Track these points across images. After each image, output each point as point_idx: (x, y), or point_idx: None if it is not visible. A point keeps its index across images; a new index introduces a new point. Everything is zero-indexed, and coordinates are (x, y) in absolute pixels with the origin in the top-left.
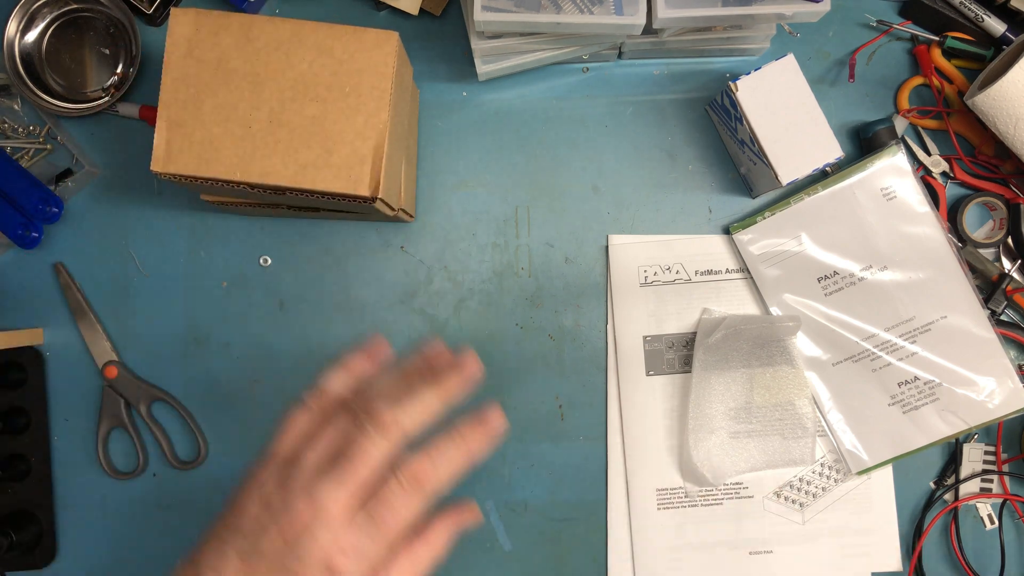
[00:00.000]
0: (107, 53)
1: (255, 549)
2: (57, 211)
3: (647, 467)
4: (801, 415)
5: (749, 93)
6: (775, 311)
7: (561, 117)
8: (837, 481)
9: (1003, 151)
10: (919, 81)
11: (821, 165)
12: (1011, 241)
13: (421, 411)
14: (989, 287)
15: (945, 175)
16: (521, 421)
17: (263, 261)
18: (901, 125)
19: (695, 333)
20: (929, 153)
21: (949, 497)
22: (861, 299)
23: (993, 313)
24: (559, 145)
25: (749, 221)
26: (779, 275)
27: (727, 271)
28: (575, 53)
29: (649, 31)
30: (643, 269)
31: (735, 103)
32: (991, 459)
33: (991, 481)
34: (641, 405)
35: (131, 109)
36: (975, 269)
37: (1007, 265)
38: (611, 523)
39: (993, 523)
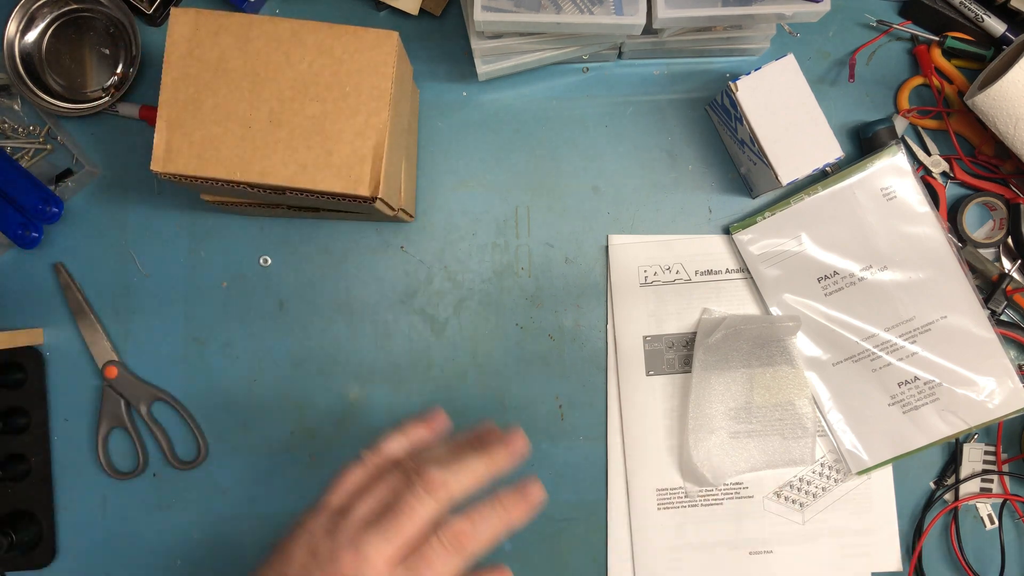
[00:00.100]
0: (107, 53)
1: None
2: (57, 211)
3: (647, 467)
4: (801, 415)
5: (749, 93)
6: (775, 311)
7: (561, 117)
8: (837, 481)
9: (1003, 151)
10: (919, 81)
11: (821, 165)
12: (1011, 241)
13: (468, 477)
14: (989, 287)
15: (945, 175)
16: (521, 421)
17: (263, 261)
18: (901, 125)
19: (695, 333)
20: (929, 153)
21: (949, 497)
22: (861, 299)
23: (993, 313)
24: (559, 145)
25: (749, 221)
26: (779, 275)
27: (727, 271)
28: (575, 53)
29: (649, 31)
30: (643, 269)
31: (735, 103)
32: (991, 459)
33: (991, 481)
34: (641, 405)
35: (131, 109)
36: (975, 269)
37: (1007, 265)
38: (611, 523)
39: (993, 523)
